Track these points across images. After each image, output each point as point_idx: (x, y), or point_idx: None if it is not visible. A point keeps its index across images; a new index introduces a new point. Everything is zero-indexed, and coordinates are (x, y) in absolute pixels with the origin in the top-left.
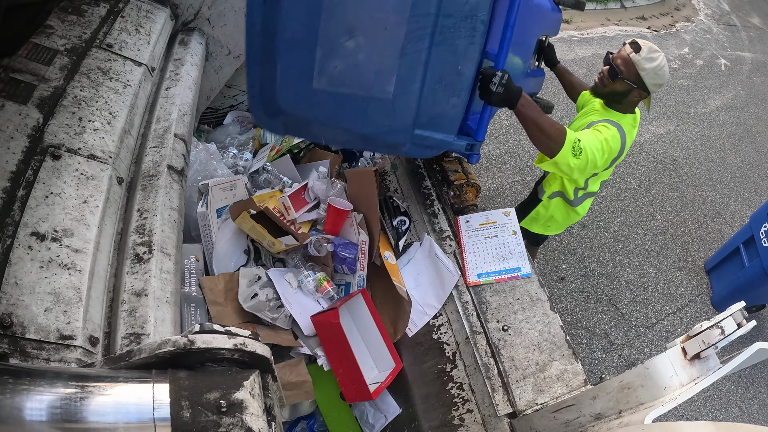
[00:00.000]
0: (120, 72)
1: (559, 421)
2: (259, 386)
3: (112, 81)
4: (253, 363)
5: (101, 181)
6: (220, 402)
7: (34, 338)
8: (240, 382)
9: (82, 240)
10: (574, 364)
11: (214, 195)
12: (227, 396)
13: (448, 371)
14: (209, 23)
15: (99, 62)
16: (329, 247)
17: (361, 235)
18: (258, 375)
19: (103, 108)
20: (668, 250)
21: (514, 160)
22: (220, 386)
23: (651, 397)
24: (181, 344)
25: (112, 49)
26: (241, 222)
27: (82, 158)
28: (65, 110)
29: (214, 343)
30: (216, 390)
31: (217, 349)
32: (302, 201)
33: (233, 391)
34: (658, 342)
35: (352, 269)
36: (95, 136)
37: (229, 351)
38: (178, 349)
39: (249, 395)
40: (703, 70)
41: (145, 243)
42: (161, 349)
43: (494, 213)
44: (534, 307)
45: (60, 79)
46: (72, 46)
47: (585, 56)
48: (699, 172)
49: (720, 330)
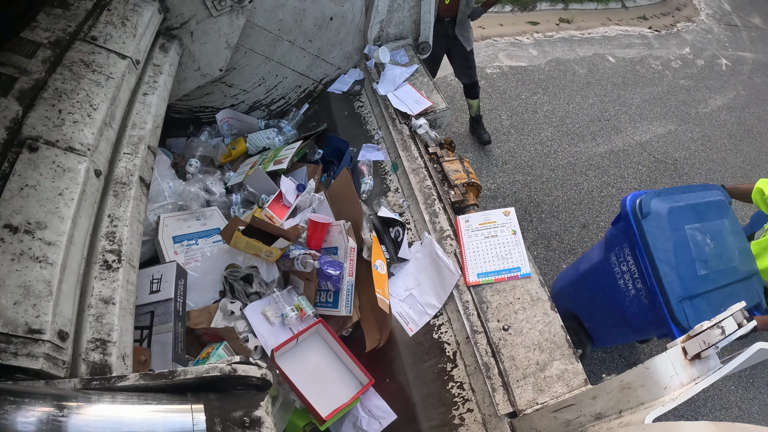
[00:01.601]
0: (103, 65)
1: (560, 420)
2: (270, 405)
3: (94, 74)
4: (265, 387)
5: (78, 174)
6: (244, 419)
7: (2, 331)
8: (258, 402)
9: (55, 233)
10: (575, 363)
11: (168, 224)
12: (249, 413)
13: (448, 370)
14: (191, 36)
15: (82, 55)
16: (315, 264)
17: (350, 242)
18: (269, 396)
19: (84, 100)
20: None
21: (514, 160)
22: (243, 406)
23: (651, 397)
24: (227, 371)
25: (96, 41)
26: (236, 242)
27: (59, 150)
28: (45, 102)
29: (250, 372)
30: (240, 409)
31: (251, 377)
32: (283, 208)
33: (253, 410)
34: (658, 342)
35: (336, 286)
36: (74, 128)
37: (257, 379)
38: (223, 374)
39: (265, 413)
40: (704, 70)
41: (115, 252)
42: (208, 374)
43: (494, 213)
44: (534, 306)
45: (42, 72)
46: (56, 39)
47: (586, 56)
48: (700, 172)
49: (720, 330)
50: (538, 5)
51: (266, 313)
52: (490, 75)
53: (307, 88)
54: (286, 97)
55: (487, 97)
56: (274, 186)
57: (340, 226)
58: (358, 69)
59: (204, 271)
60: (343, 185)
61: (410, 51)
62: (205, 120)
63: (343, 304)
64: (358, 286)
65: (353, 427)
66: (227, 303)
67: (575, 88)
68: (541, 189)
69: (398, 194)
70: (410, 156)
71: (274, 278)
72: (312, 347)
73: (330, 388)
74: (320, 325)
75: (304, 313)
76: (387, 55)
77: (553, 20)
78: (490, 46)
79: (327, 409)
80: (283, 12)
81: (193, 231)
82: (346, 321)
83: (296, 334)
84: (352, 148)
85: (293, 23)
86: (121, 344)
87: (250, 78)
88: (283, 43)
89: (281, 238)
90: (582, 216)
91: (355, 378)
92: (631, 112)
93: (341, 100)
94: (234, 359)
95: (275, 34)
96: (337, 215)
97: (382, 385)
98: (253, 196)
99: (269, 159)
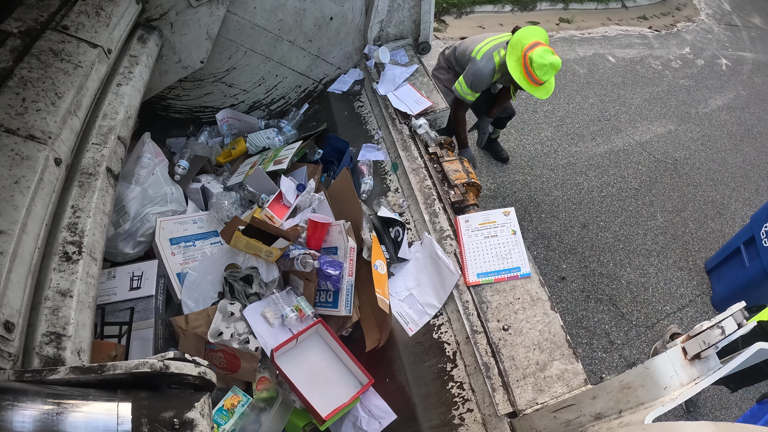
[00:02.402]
0: (72, 53)
1: (560, 420)
2: (208, 407)
3: (62, 62)
4: (205, 387)
5: (36, 162)
6: (174, 420)
7: None
8: (192, 403)
9: (8, 221)
10: (575, 363)
11: (165, 227)
12: (180, 415)
13: (448, 370)
14: (171, 28)
15: (52, 44)
16: (315, 264)
17: (350, 242)
18: (208, 397)
19: (50, 89)
20: (669, 250)
21: (514, 160)
22: (175, 406)
23: (651, 397)
24: (158, 367)
25: (67, 31)
26: (236, 242)
27: (19, 138)
28: (9, 91)
29: (185, 369)
30: (171, 409)
31: (186, 375)
32: (283, 208)
33: (185, 411)
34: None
35: (336, 286)
36: (37, 117)
37: (193, 377)
38: (154, 371)
39: (199, 415)
40: (704, 70)
41: (76, 243)
42: (138, 369)
43: (494, 213)
44: (534, 306)
45: (9, 61)
46: (27, 29)
47: (586, 56)
48: (700, 172)
49: (720, 330)
50: (538, 5)
51: (266, 314)
52: None
53: (307, 88)
54: (286, 97)
55: None
56: (274, 186)
57: (340, 226)
58: (358, 69)
59: (204, 271)
60: (343, 185)
61: (410, 51)
62: (205, 120)
63: (342, 304)
64: (358, 286)
65: (353, 427)
66: (227, 304)
67: (575, 87)
68: (541, 189)
69: (398, 194)
70: (410, 156)
71: (274, 279)
72: (312, 347)
73: (330, 388)
74: (320, 325)
75: (303, 313)
76: (387, 55)
77: (553, 20)
78: None
79: (327, 409)
80: (283, 12)
81: (190, 233)
82: (346, 321)
83: (296, 334)
84: (352, 148)
85: (293, 23)
86: (77, 338)
87: (250, 78)
88: (283, 43)
89: (281, 238)
90: (582, 216)
91: (355, 378)
92: (631, 112)
93: (341, 100)
94: (167, 354)
95: (275, 34)
96: (337, 215)
97: (382, 385)
98: (253, 196)
99: (269, 159)
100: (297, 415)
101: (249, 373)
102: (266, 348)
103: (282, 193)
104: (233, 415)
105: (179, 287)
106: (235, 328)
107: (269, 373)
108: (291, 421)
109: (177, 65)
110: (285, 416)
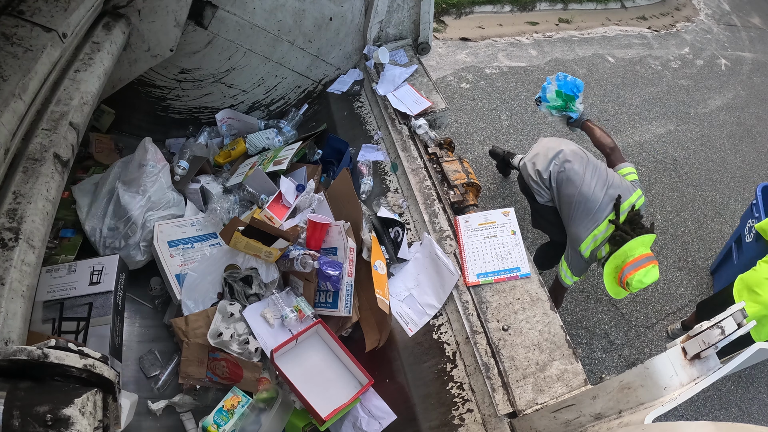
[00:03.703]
0: (24, 37)
1: (559, 420)
2: (93, 405)
3: (13, 46)
4: (98, 383)
5: None
6: (48, 416)
7: None
8: (71, 398)
9: None
10: (574, 363)
11: (163, 230)
12: (55, 411)
13: (448, 371)
14: (139, 15)
15: (5, 28)
16: (315, 264)
17: (349, 242)
18: (95, 394)
19: None
20: (668, 250)
21: None
22: (51, 401)
23: (651, 397)
24: (35, 356)
25: (23, 15)
26: (236, 242)
27: None
28: None
29: (66, 360)
30: (47, 404)
31: (68, 367)
32: (282, 208)
33: (62, 407)
34: (658, 342)
35: (336, 286)
36: None
37: (78, 370)
38: (31, 359)
39: (78, 412)
40: (704, 70)
41: (13, 229)
42: (16, 356)
43: (494, 213)
44: (534, 306)
45: None
46: None
47: (585, 56)
48: (699, 172)
49: (720, 330)
50: (538, 5)
51: (265, 314)
52: (489, 75)
53: (306, 89)
54: (286, 97)
55: (486, 97)
56: (273, 186)
57: (339, 226)
58: (358, 69)
59: (203, 272)
60: (342, 185)
61: (410, 51)
62: (204, 120)
63: (342, 305)
64: (358, 287)
65: (353, 427)
66: (226, 305)
67: None
68: None
69: (398, 194)
70: (410, 156)
71: (274, 279)
72: (311, 348)
73: (329, 388)
74: (320, 325)
75: (303, 314)
76: (386, 55)
77: (553, 20)
78: (490, 46)
79: (326, 409)
80: (283, 12)
81: (189, 236)
82: (346, 321)
83: (296, 334)
84: (351, 149)
85: (293, 23)
86: (5, 328)
87: (249, 78)
88: (282, 43)
89: (281, 239)
90: None
91: (355, 378)
92: (630, 112)
93: (341, 100)
94: (49, 342)
95: (275, 34)
96: (337, 215)
97: (382, 386)
98: (252, 197)
99: (269, 159)
100: (297, 415)
101: (251, 383)
102: (266, 348)
103: (281, 193)
104: (233, 415)
105: (178, 288)
106: (234, 329)
107: (269, 374)
108: (291, 421)
109: (146, 54)
110: (285, 417)
